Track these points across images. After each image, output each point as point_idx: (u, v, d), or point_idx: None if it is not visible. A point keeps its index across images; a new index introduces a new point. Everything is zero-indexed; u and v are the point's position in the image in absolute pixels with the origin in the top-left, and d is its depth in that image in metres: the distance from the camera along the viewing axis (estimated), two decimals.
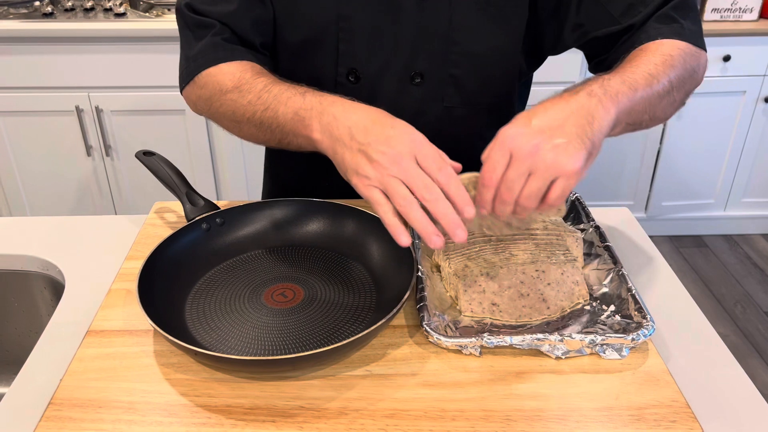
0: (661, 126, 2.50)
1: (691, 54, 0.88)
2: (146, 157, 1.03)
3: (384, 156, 0.70)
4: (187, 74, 0.95)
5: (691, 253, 2.69)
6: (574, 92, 0.74)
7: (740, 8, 2.40)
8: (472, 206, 0.69)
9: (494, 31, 0.97)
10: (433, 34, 0.97)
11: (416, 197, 0.69)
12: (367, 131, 0.72)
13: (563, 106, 0.71)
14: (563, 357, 0.77)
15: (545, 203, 0.71)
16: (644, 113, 0.80)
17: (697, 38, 0.90)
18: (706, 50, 0.91)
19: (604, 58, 0.98)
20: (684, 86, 0.86)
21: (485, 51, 0.98)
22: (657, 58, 0.82)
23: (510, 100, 1.05)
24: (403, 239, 0.70)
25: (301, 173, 1.15)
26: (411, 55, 0.98)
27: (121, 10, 2.21)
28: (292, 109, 0.81)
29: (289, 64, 1.04)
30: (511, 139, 0.68)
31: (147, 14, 2.25)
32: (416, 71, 0.99)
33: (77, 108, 2.22)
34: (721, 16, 2.41)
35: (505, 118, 0.93)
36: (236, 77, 0.89)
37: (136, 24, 2.13)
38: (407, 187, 0.69)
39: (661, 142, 2.55)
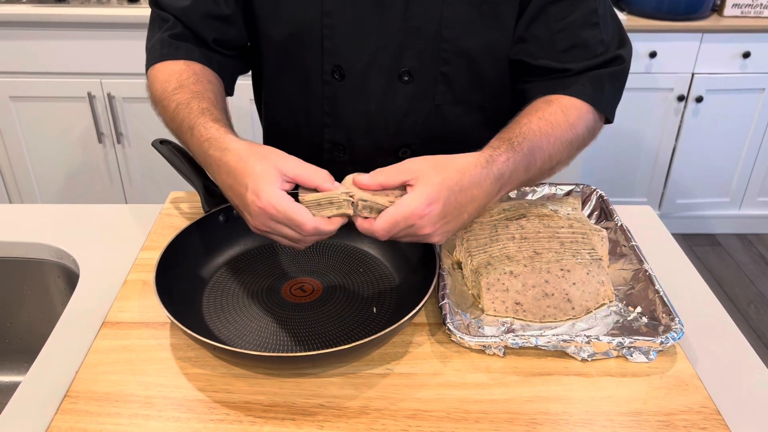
0: (677, 123, 2.47)
1: (595, 129, 0.95)
2: (162, 146, 1.02)
3: (251, 221, 0.75)
4: (145, 68, 0.99)
5: (705, 252, 2.66)
6: (490, 170, 0.77)
7: (761, 4, 2.35)
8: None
9: (486, 28, 0.94)
10: (423, 31, 0.94)
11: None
12: (232, 193, 0.77)
13: (475, 192, 0.76)
14: (589, 359, 0.75)
15: None
16: (518, 188, 0.89)
17: (611, 108, 0.96)
18: (613, 119, 0.97)
19: (528, 80, 0.97)
20: (570, 160, 0.92)
21: (477, 48, 0.96)
22: (567, 134, 0.88)
23: (502, 98, 1.03)
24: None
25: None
26: (399, 52, 0.96)
27: None
28: (189, 144, 0.85)
29: (275, 62, 1.02)
30: (418, 218, 0.72)
31: None
32: (405, 69, 0.97)
33: (89, 94, 2.21)
34: (742, 12, 2.37)
35: (497, 116, 0.92)
36: (162, 87, 0.91)
37: (149, 10, 2.11)
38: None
39: (676, 139, 2.51)
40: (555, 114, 0.88)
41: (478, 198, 0.76)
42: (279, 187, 0.71)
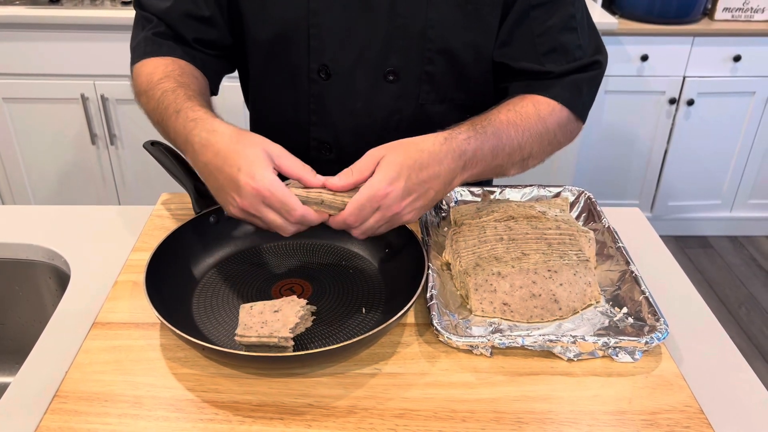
0: (668, 126, 2.49)
1: (569, 129, 0.99)
2: (154, 147, 1.02)
3: (236, 203, 0.75)
4: (130, 65, 1.01)
5: (696, 254, 2.68)
6: (449, 146, 0.81)
7: (752, 8, 2.37)
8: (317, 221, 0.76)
9: (470, 28, 0.96)
10: (408, 31, 0.96)
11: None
12: (219, 173, 0.76)
13: (436, 168, 0.79)
14: (575, 359, 0.76)
15: None
16: (490, 174, 0.91)
17: (585, 111, 1.00)
18: (585, 121, 1.01)
19: (510, 81, 1.01)
20: (544, 155, 0.96)
21: (461, 48, 0.97)
22: (537, 126, 0.92)
23: (485, 96, 1.05)
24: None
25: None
26: (384, 52, 0.98)
27: None
28: (173, 128, 0.84)
29: (262, 61, 1.03)
30: (383, 197, 0.75)
31: None
32: (390, 68, 0.99)
33: (82, 96, 2.21)
34: (733, 16, 2.39)
35: (480, 113, 0.94)
36: (148, 79, 0.93)
37: None
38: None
39: (668, 142, 2.53)
40: (525, 107, 0.93)
41: (441, 174, 0.80)
42: (272, 172, 0.73)
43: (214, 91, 1.05)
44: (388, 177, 0.75)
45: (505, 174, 0.94)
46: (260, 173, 0.72)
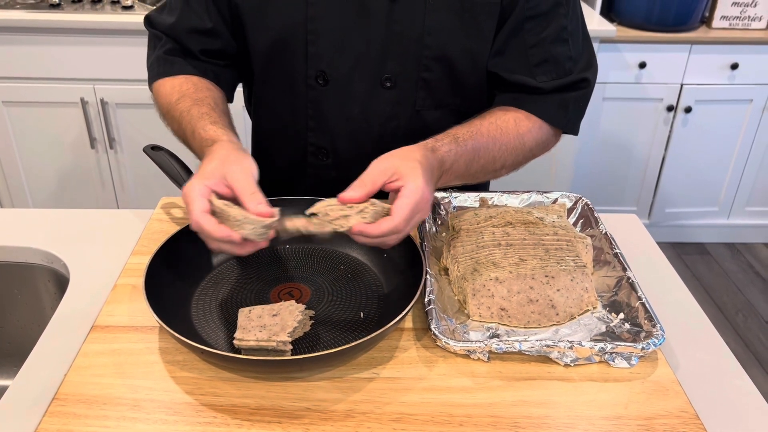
0: (666, 133, 2.50)
1: (547, 144, 1.03)
2: (154, 151, 1.03)
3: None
4: (149, 84, 1.06)
5: (694, 261, 2.68)
6: (435, 157, 0.85)
7: (749, 16, 2.39)
8: (247, 248, 0.76)
9: (467, 36, 0.98)
10: (405, 38, 0.97)
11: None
12: None
13: (433, 176, 0.83)
14: (572, 364, 0.76)
15: None
16: (460, 181, 0.95)
17: (574, 126, 1.04)
18: (577, 133, 1.05)
19: (501, 91, 1.03)
20: (518, 166, 1.01)
21: (457, 55, 0.99)
22: (513, 141, 0.96)
23: (480, 102, 1.06)
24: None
25: (282, 168, 1.15)
26: (381, 58, 0.99)
27: (129, 2, 2.20)
28: (194, 148, 0.92)
29: (262, 68, 1.05)
30: (426, 201, 0.78)
31: (154, 8, 2.24)
32: (387, 75, 1.00)
33: (82, 100, 2.21)
34: (730, 24, 2.40)
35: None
36: (167, 101, 0.99)
37: (143, 18, 2.12)
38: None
39: (666, 149, 2.54)
40: (507, 122, 0.97)
41: (435, 174, 0.84)
42: (206, 184, 0.74)
43: (229, 99, 1.08)
44: (425, 181, 0.78)
45: (475, 182, 0.98)
46: (192, 182, 0.75)
